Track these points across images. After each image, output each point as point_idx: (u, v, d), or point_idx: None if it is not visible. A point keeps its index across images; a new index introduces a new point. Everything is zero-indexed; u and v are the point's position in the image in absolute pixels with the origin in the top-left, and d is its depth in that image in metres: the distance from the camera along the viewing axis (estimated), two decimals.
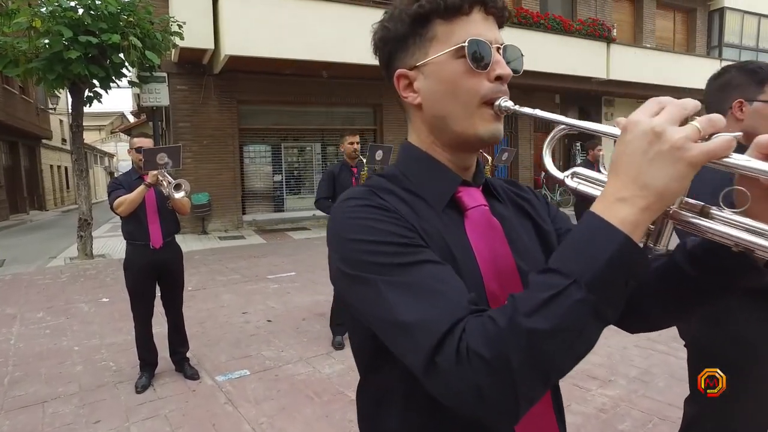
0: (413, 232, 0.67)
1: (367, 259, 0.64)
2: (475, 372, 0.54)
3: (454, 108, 0.73)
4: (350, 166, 4.20)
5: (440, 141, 0.78)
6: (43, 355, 4.01)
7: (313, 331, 4.44)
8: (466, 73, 0.72)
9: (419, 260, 0.64)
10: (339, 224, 0.70)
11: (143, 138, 3.28)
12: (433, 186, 0.77)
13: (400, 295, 0.61)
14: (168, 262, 3.32)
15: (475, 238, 0.74)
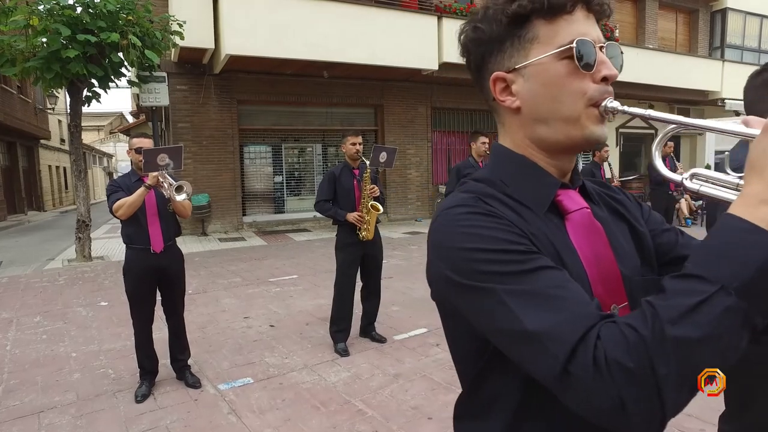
0: (525, 238, 0.66)
1: (485, 268, 0.63)
2: (616, 382, 0.53)
3: (558, 111, 0.71)
4: (352, 167, 4.08)
5: (539, 144, 0.76)
6: (39, 362, 3.90)
7: (317, 337, 4.33)
8: (571, 74, 0.70)
9: (537, 267, 0.63)
10: (448, 233, 0.68)
11: (143, 138, 3.16)
12: (533, 190, 0.75)
13: (524, 303, 0.60)
14: (169, 266, 3.20)
15: (578, 242, 0.73)
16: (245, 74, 10.78)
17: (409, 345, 4.14)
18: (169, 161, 2.89)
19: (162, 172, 2.94)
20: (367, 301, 4.22)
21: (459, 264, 0.66)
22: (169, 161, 2.89)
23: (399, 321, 4.75)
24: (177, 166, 2.94)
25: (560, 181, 0.76)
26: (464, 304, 0.67)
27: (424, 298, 5.50)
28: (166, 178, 2.99)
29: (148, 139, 3.16)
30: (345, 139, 4.04)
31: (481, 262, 0.64)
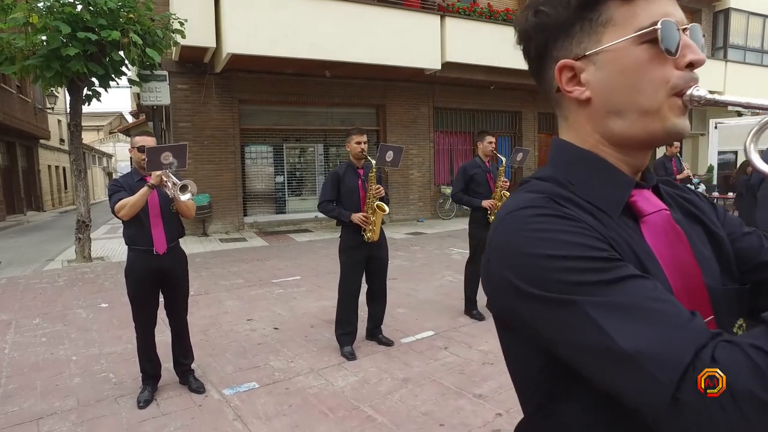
0: (606, 243, 0.59)
1: (564, 278, 0.56)
2: (748, 417, 0.46)
3: (635, 101, 0.64)
4: (356, 167, 3.96)
5: (611, 139, 0.68)
6: (38, 366, 3.80)
7: (323, 340, 4.24)
8: (653, 60, 0.62)
9: (625, 275, 0.55)
10: (518, 237, 0.60)
11: (146, 136, 3.07)
12: (604, 190, 0.67)
13: (614, 318, 0.53)
14: (172, 268, 3.11)
15: (658, 248, 0.65)
16: (246, 73, 10.70)
17: (417, 348, 4.05)
18: (173, 160, 2.81)
19: (165, 171, 2.85)
20: (373, 303, 4.13)
21: (532, 273, 0.58)
22: (173, 160, 2.81)
23: (405, 323, 4.66)
24: (181, 165, 2.85)
25: (635, 180, 0.69)
26: (536, 318, 0.59)
27: (429, 300, 5.42)
28: (170, 177, 2.89)
29: (151, 138, 3.07)
30: (350, 137, 3.95)
31: (560, 271, 0.56)
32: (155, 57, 7.41)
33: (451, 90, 13.31)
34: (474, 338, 4.26)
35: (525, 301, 0.59)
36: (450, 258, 7.83)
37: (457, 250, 8.46)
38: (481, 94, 13.88)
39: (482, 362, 3.74)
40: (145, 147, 2.83)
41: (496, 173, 4.90)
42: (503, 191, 4.78)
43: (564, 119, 0.73)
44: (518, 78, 12.62)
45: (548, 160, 0.75)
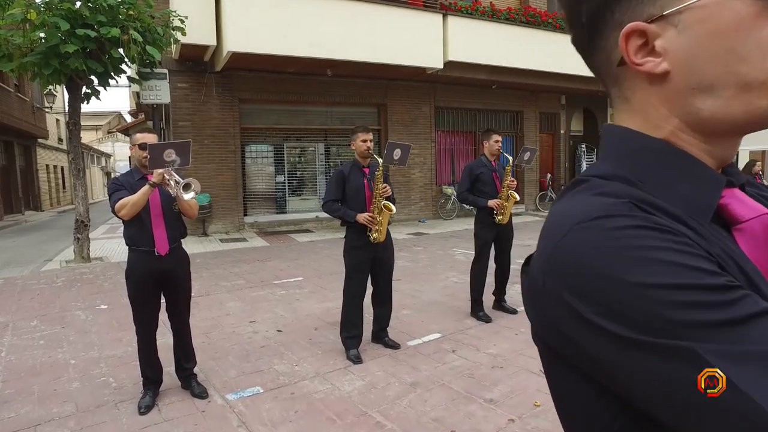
0: (716, 264, 0.44)
1: (677, 317, 0.40)
2: None
3: (736, 72, 0.48)
4: (362, 165, 3.87)
5: (694, 124, 0.52)
6: (36, 370, 3.70)
7: (328, 342, 4.14)
8: (761, 16, 0.47)
9: (757, 311, 0.40)
10: (601, 257, 0.44)
11: (147, 133, 2.97)
12: (688, 190, 0.52)
13: (755, 375, 0.38)
14: (174, 269, 3.01)
15: (760, 262, 0.50)
16: (247, 72, 10.60)
17: (424, 351, 3.96)
18: (175, 157, 2.71)
19: (168, 169, 2.75)
20: (379, 306, 4.03)
21: (622, 306, 0.42)
22: (175, 157, 2.71)
23: (411, 325, 4.57)
24: (184, 163, 2.75)
25: (725, 178, 0.54)
26: (621, 367, 0.44)
27: (434, 302, 5.33)
28: (173, 175, 2.80)
29: (153, 134, 2.98)
30: (355, 135, 3.85)
31: (668, 306, 0.41)
32: (155, 55, 7.31)
33: (453, 89, 13.23)
34: (482, 341, 4.17)
35: (604, 343, 0.44)
36: (454, 259, 7.74)
37: (460, 251, 8.37)
38: (483, 94, 13.80)
39: (491, 366, 3.66)
40: (147, 144, 2.73)
41: (502, 172, 4.81)
42: (510, 191, 4.70)
43: (624, 101, 0.57)
44: (520, 77, 12.55)
45: (603, 154, 0.59)
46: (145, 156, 2.82)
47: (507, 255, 4.95)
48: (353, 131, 3.88)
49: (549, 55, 12.40)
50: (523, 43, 12.14)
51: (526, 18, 12.36)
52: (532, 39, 12.31)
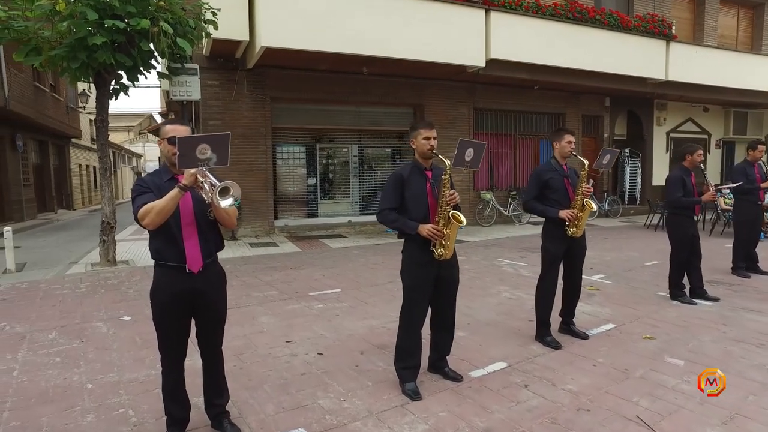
0: None
1: None
2: None
3: None
4: (423, 168, 3.28)
5: None
6: (47, 396, 3.24)
7: (377, 371, 3.58)
8: None
9: None
10: None
11: (177, 125, 2.46)
12: None
13: None
14: (207, 290, 2.48)
15: None
16: (279, 70, 10.20)
17: (491, 385, 3.36)
18: (211, 154, 2.19)
19: (202, 169, 2.24)
20: (440, 331, 3.45)
21: None
22: (211, 154, 2.19)
23: (469, 351, 3.98)
24: (221, 161, 2.23)
25: None
26: None
27: (490, 321, 4.73)
28: (207, 176, 2.28)
29: (184, 127, 2.46)
30: (415, 131, 3.27)
31: None
32: (186, 48, 6.91)
33: (492, 90, 12.61)
34: (555, 373, 3.55)
35: None
36: (501, 270, 7.10)
37: (507, 262, 7.73)
38: (523, 95, 13.12)
39: (576, 407, 3.04)
40: (176, 138, 2.22)
41: (574, 178, 4.19)
42: (585, 199, 4.06)
43: None
44: (563, 77, 11.84)
45: None
46: (175, 152, 2.32)
47: (578, 271, 4.32)
48: (413, 127, 3.31)
49: (595, 54, 11.68)
50: (568, 40, 11.43)
51: (572, 14, 11.65)
52: (578, 36, 11.59)
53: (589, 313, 4.96)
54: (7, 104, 13.00)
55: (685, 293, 5.44)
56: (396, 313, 5.13)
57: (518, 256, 8.24)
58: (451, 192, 3.11)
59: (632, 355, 3.85)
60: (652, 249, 8.70)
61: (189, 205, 2.40)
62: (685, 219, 5.41)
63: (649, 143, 15.36)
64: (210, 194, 2.24)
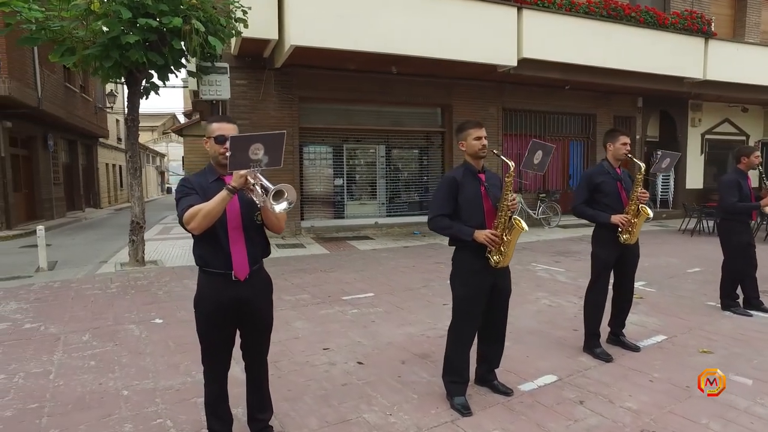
0: None
1: None
2: None
3: None
4: (476, 170, 3.09)
5: None
6: (84, 402, 3.15)
7: (421, 383, 3.41)
8: None
9: None
10: None
11: (224, 123, 2.31)
12: None
13: None
14: (254, 298, 2.34)
15: None
16: (307, 69, 10.11)
17: (544, 400, 3.16)
18: (263, 156, 2.04)
19: (253, 171, 2.09)
20: (490, 343, 3.26)
21: None
22: (263, 156, 2.04)
23: (516, 362, 3.77)
24: (274, 162, 2.08)
25: None
26: None
27: (532, 330, 4.52)
28: (259, 178, 2.13)
29: (231, 125, 2.32)
30: (465, 131, 3.09)
31: None
32: (217, 46, 6.86)
33: (522, 90, 12.34)
34: (610, 388, 3.33)
35: None
36: (536, 275, 6.86)
37: (541, 267, 7.48)
38: (553, 95, 12.82)
39: (639, 428, 2.82)
40: (227, 137, 2.08)
41: (628, 182, 3.96)
42: (640, 204, 3.82)
43: None
44: (595, 77, 11.51)
45: None
46: (223, 152, 2.18)
47: (630, 280, 4.08)
48: (461, 127, 3.12)
49: (629, 53, 11.32)
50: (602, 39, 11.10)
51: (607, 12, 11.30)
52: (613, 34, 11.25)
53: (636, 323, 4.71)
54: (40, 104, 13.19)
55: (738, 304, 5.14)
56: (434, 319, 4.99)
57: (552, 261, 7.98)
58: (513, 196, 2.92)
59: (691, 371, 3.60)
60: (692, 255, 8.35)
61: (236, 208, 2.25)
62: (739, 225, 5.09)
63: (683, 145, 14.87)
64: (262, 198, 2.10)
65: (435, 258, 8.17)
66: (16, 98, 11.63)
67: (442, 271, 7.13)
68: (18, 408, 3.10)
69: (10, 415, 3.01)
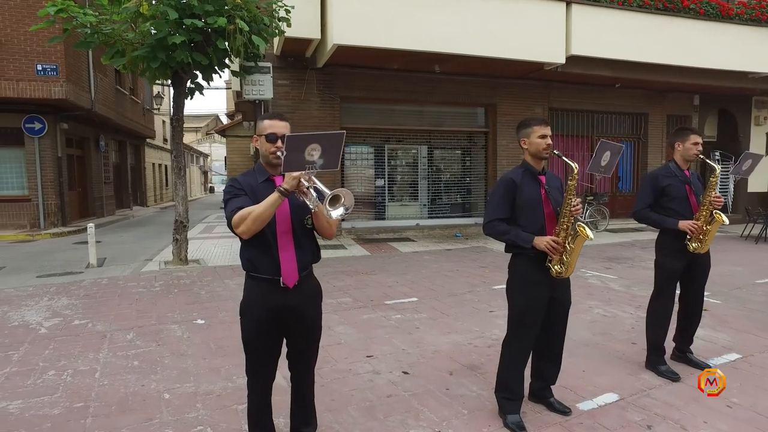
0: None
1: None
2: None
3: None
4: (536, 171, 2.83)
5: None
6: (127, 404, 3.11)
7: (471, 396, 3.20)
8: None
9: None
10: None
11: (277, 120, 2.16)
12: None
13: None
14: (303, 307, 2.20)
15: None
16: (349, 69, 10.03)
17: (606, 422, 2.90)
18: (318, 158, 1.88)
19: (309, 173, 1.95)
20: (546, 358, 3.02)
21: None
22: (318, 158, 1.88)
23: (572, 377, 3.51)
24: (330, 164, 1.92)
25: None
26: None
27: (587, 342, 4.24)
28: (314, 181, 1.97)
29: (284, 122, 2.18)
30: (528, 129, 2.85)
31: None
32: (261, 44, 6.86)
33: (569, 88, 11.88)
34: (681, 413, 3.02)
35: None
36: (587, 283, 6.52)
37: (591, 273, 7.11)
38: (602, 93, 12.29)
39: None
40: (284, 135, 1.94)
41: (698, 185, 3.63)
42: (714, 210, 3.48)
43: None
44: (649, 74, 10.93)
45: None
46: (274, 151, 2.05)
47: (699, 293, 3.75)
48: (525, 123, 2.88)
49: (687, 48, 10.69)
50: (658, 33, 10.52)
51: (663, 4, 10.72)
52: (669, 29, 10.64)
53: (703, 338, 4.34)
54: (93, 107, 13.68)
55: None
56: (481, 327, 4.77)
57: (603, 267, 7.58)
58: (577, 201, 2.68)
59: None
60: (759, 264, 7.78)
61: (285, 211, 2.12)
62: None
63: (744, 145, 13.97)
64: (315, 202, 1.95)
65: (479, 262, 7.92)
66: (72, 101, 12.08)
67: (487, 276, 6.88)
68: (65, 406, 3.10)
69: (57, 413, 3.02)
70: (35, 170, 12.37)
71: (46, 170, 12.54)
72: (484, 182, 11.81)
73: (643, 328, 3.84)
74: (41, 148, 12.43)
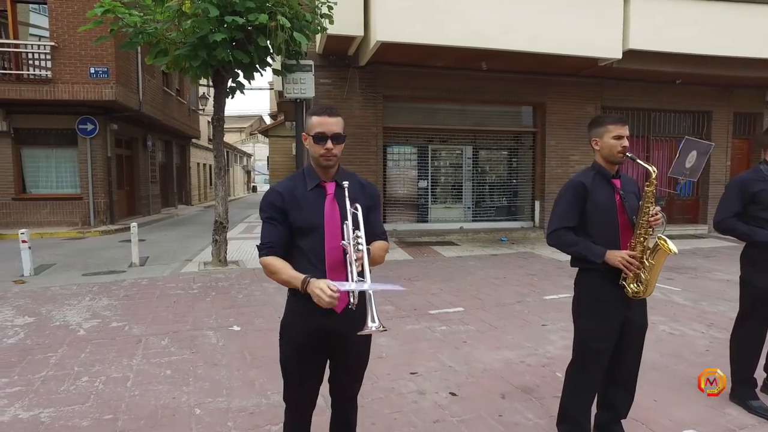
0: None
1: None
2: None
3: None
4: (610, 175, 2.49)
5: None
6: (156, 418, 2.93)
7: (527, 426, 2.85)
8: None
9: None
10: None
11: (327, 116, 1.93)
12: None
13: None
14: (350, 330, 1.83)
15: None
16: (392, 67, 9.74)
17: None
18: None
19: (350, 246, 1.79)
20: (617, 387, 2.63)
21: None
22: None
23: (642, 408, 3.09)
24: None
25: None
26: None
27: (656, 365, 3.79)
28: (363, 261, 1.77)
29: (335, 118, 1.94)
30: (602, 128, 2.48)
31: None
32: (303, 41, 6.68)
33: (624, 86, 11.18)
34: None
35: None
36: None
37: None
38: (661, 90, 11.51)
39: None
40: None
41: None
42: None
43: None
44: (715, 68, 10.10)
45: None
46: (325, 152, 1.85)
47: None
48: (597, 122, 2.52)
49: (761, 37, 9.78)
50: (727, 23, 9.68)
51: None
52: (740, 17, 9.77)
53: None
54: (141, 107, 13.99)
55: None
56: (533, 343, 4.37)
57: (663, 278, 6.99)
58: (656, 209, 2.30)
59: None
60: None
61: (336, 219, 1.89)
62: None
63: None
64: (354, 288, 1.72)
65: (527, 269, 7.47)
66: (122, 102, 12.37)
67: (536, 285, 6.45)
68: (95, 418, 2.96)
69: (86, 425, 2.88)
70: (87, 170, 12.74)
71: (96, 170, 12.89)
72: (531, 184, 11.29)
73: (720, 350, 3.39)
74: (92, 148, 12.79)
